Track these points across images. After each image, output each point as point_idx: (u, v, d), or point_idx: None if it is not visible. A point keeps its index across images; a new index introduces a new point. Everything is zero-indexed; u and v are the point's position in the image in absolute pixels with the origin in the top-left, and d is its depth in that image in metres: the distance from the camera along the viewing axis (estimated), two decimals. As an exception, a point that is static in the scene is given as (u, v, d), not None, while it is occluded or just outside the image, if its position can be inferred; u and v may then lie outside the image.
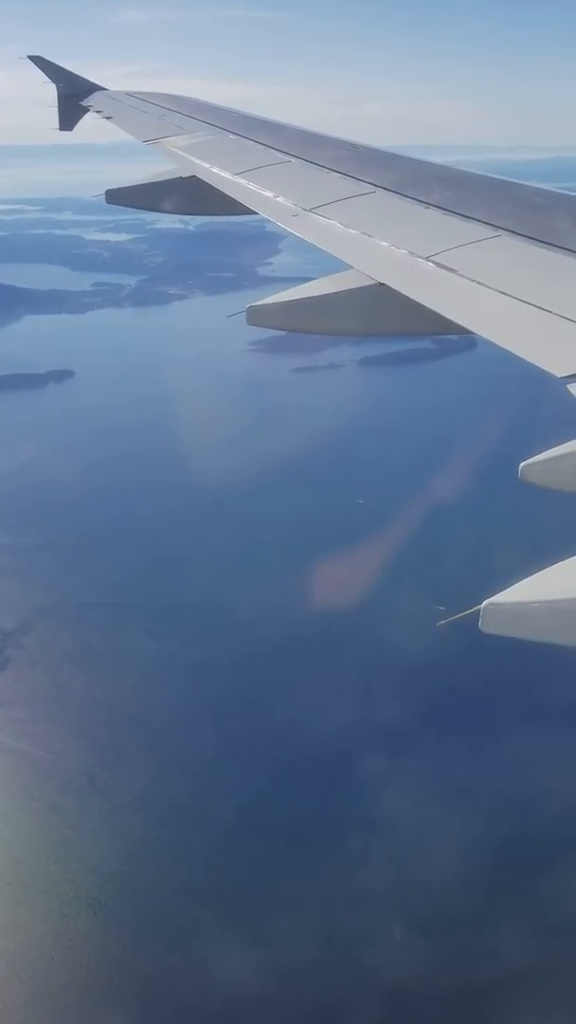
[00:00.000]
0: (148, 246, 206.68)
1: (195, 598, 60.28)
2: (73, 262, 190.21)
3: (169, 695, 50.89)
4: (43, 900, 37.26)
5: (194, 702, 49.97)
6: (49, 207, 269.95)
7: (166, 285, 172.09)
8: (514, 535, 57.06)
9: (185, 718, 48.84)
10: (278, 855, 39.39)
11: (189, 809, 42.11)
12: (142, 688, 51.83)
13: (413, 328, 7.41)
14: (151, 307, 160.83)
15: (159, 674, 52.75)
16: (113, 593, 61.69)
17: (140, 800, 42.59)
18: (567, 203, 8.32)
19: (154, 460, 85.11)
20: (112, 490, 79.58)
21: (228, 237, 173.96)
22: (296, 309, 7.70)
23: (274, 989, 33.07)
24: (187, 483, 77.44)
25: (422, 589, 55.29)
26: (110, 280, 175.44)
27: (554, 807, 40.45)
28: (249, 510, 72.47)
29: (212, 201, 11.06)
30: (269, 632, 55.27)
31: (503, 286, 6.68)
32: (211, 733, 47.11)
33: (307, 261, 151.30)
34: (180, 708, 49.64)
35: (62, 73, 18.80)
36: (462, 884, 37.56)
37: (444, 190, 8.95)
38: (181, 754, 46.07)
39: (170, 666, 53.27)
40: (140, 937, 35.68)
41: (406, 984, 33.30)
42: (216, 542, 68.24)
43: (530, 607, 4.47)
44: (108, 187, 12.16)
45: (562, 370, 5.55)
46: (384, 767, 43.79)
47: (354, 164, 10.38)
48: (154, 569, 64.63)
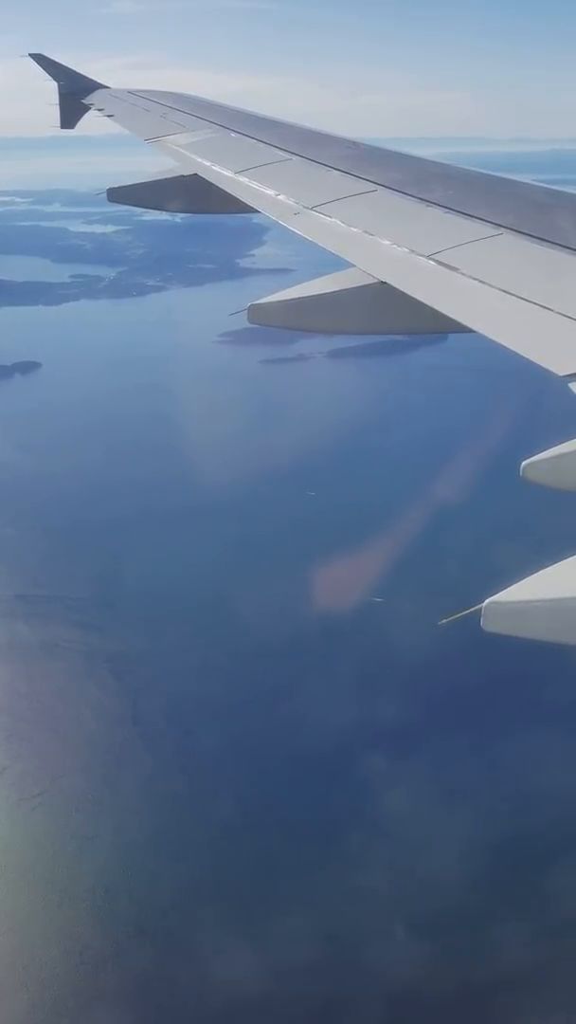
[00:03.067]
0: (132, 238, 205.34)
1: (137, 591, 60.60)
2: (55, 254, 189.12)
3: (95, 687, 50.92)
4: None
5: (115, 694, 50.13)
6: (39, 199, 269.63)
7: (145, 277, 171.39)
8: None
9: (104, 710, 48.96)
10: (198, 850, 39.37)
11: (98, 803, 42.28)
12: (65, 680, 52.00)
13: (415, 326, 7.41)
14: (127, 299, 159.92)
15: (85, 666, 52.92)
16: (51, 586, 61.82)
17: (45, 794, 42.78)
18: (569, 201, 8.31)
19: (112, 453, 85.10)
20: (69, 482, 78.99)
21: (213, 229, 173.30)
22: (297, 307, 7.70)
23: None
24: (143, 478, 78.06)
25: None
26: (89, 272, 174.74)
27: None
28: (210, 505, 72.15)
29: (213, 199, 11.08)
30: (203, 623, 56.22)
31: (505, 284, 6.67)
32: (129, 727, 47.34)
33: (290, 253, 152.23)
34: (102, 700, 49.77)
35: (63, 71, 18.81)
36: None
37: (445, 188, 8.95)
38: (98, 747, 46.16)
39: (95, 658, 53.53)
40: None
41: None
42: (170, 536, 68.31)
43: (531, 606, 4.47)
44: (102, 179, 12.21)
45: (564, 369, 5.54)
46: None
47: (355, 162, 10.38)
48: (99, 562, 64.70)
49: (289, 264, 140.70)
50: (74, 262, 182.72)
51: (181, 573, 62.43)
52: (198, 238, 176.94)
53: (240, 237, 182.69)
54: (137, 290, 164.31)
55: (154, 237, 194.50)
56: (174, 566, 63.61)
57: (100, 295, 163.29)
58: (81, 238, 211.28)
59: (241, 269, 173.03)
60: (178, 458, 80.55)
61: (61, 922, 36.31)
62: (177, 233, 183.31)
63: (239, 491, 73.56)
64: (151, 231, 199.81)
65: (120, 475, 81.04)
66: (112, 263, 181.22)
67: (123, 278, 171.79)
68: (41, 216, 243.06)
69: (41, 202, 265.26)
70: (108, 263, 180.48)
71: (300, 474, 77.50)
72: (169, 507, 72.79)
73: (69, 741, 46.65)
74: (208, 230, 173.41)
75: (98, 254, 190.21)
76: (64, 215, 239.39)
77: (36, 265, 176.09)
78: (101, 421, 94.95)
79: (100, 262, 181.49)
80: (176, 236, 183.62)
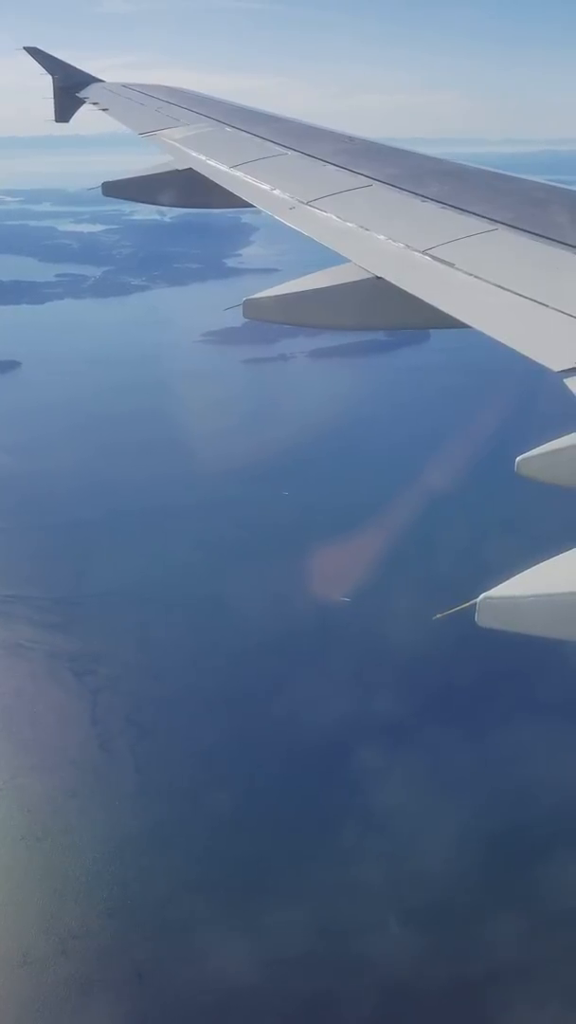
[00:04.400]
0: (120, 237, 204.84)
1: (104, 590, 60.57)
2: (41, 253, 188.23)
3: (55, 687, 50.85)
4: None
5: (74, 695, 50.08)
6: (29, 198, 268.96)
7: (130, 276, 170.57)
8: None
9: (62, 710, 48.93)
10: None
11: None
12: (24, 680, 51.94)
13: (410, 322, 7.41)
14: (111, 298, 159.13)
15: (46, 666, 52.84)
16: (17, 586, 61.59)
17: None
18: (565, 197, 8.31)
19: (85, 452, 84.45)
20: (41, 483, 78.50)
21: (202, 229, 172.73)
22: (292, 302, 7.69)
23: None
24: (115, 478, 77.75)
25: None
26: (75, 271, 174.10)
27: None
28: (182, 505, 72.27)
29: (208, 194, 11.05)
30: (169, 622, 56.39)
31: (500, 280, 6.67)
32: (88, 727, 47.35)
33: (277, 253, 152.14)
34: (61, 700, 49.76)
35: (59, 65, 18.76)
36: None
37: (441, 184, 8.94)
38: (54, 747, 46.11)
39: (57, 658, 53.41)
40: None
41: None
42: (142, 536, 68.10)
43: (526, 601, 4.48)
44: (93, 179, 12.14)
45: (559, 364, 5.55)
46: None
47: (351, 157, 10.37)
48: (67, 563, 64.53)
49: (275, 264, 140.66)
50: (60, 261, 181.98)
51: (151, 573, 62.22)
52: (186, 237, 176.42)
53: (228, 236, 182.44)
54: (122, 289, 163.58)
55: (142, 236, 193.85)
56: (143, 566, 63.34)
57: (84, 294, 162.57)
58: (69, 237, 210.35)
59: (227, 268, 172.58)
60: (151, 458, 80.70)
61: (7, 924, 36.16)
62: (166, 232, 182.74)
63: (213, 491, 73.37)
64: (140, 230, 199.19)
65: (92, 476, 79.99)
66: (99, 262, 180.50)
67: (108, 277, 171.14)
68: (30, 215, 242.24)
69: (31, 201, 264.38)
70: (95, 262, 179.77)
71: (276, 474, 77.02)
72: (142, 506, 72.55)
73: (25, 741, 46.52)
74: (197, 229, 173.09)
75: (85, 253, 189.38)
76: (53, 214, 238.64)
77: (22, 264, 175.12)
78: (76, 421, 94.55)
79: (87, 261, 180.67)
80: (164, 235, 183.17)
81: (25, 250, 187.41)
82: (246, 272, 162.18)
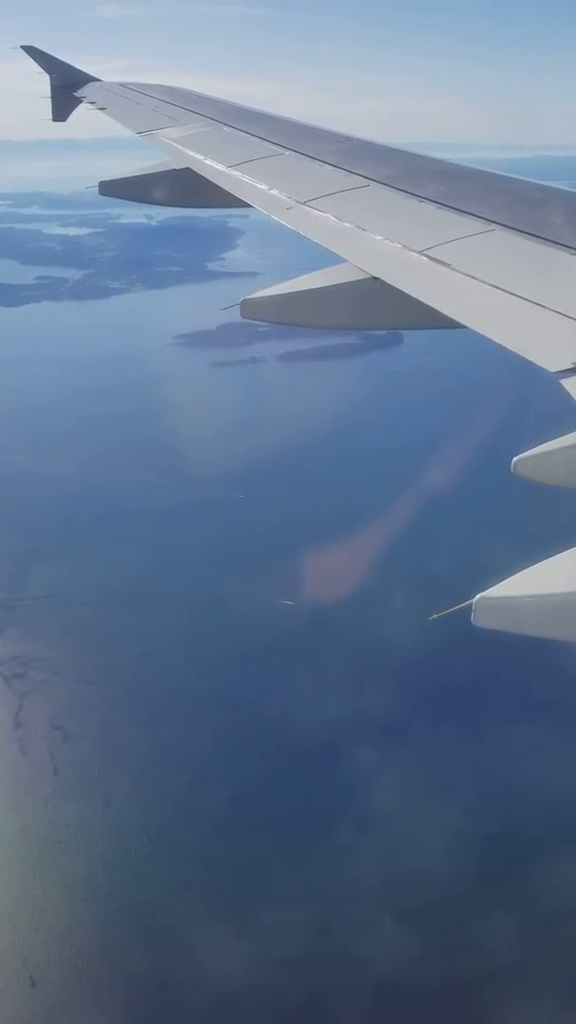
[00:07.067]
0: (105, 240, 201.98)
1: (42, 593, 60.21)
2: (24, 255, 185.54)
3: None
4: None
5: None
6: (18, 201, 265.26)
7: (110, 279, 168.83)
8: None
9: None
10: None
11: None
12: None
13: (406, 322, 7.42)
14: (89, 301, 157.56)
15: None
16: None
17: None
18: (561, 198, 8.33)
19: (41, 455, 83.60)
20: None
21: (187, 232, 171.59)
22: (289, 302, 7.70)
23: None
24: (72, 482, 77.02)
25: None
26: (55, 274, 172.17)
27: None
28: (138, 509, 71.63)
29: (205, 193, 11.05)
30: (113, 628, 56.31)
31: (497, 280, 6.68)
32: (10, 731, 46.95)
33: (259, 257, 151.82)
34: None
35: (56, 63, 18.72)
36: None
37: (438, 184, 8.95)
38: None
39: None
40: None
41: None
42: (96, 540, 67.52)
43: (522, 601, 4.49)
44: (86, 183, 12.13)
45: (555, 365, 5.56)
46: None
47: (348, 157, 10.37)
48: (6, 563, 64.07)
49: (258, 268, 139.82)
50: (41, 264, 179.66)
51: (100, 576, 61.82)
52: (171, 241, 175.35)
53: (214, 240, 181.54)
54: (100, 292, 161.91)
55: (127, 240, 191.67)
56: (90, 569, 62.93)
57: (62, 297, 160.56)
58: (53, 240, 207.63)
59: (208, 272, 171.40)
60: (110, 462, 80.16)
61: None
62: (150, 236, 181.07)
63: (171, 494, 72.94)
64: (125, 234, 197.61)
65: (47, 481, 78.25)
66: (81, 265, 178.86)
67: (88, 280, 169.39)
68: (17, 218, 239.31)
69: (20, 204, 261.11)
70: (77, 265, 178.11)
71: (232, 477, 75.40)
72: (96, 512, 71.71)
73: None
74: (183, 233, 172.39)
75: (67, 256, 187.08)
76: (40, 217, 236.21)
77: (3, 267, 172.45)
78: (37, 424, 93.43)
79: (68, 264, 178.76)
80: (149, 239, 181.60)
81: (9, 253, 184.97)
82: (226, 276, 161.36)
